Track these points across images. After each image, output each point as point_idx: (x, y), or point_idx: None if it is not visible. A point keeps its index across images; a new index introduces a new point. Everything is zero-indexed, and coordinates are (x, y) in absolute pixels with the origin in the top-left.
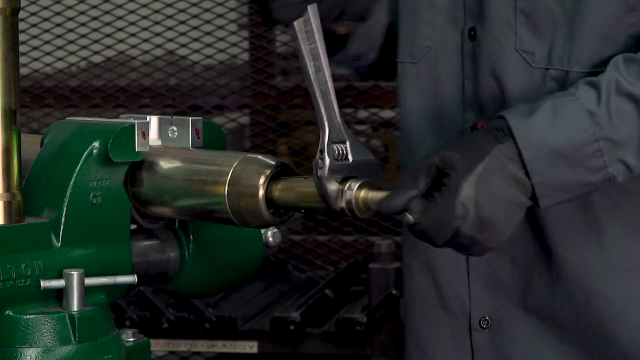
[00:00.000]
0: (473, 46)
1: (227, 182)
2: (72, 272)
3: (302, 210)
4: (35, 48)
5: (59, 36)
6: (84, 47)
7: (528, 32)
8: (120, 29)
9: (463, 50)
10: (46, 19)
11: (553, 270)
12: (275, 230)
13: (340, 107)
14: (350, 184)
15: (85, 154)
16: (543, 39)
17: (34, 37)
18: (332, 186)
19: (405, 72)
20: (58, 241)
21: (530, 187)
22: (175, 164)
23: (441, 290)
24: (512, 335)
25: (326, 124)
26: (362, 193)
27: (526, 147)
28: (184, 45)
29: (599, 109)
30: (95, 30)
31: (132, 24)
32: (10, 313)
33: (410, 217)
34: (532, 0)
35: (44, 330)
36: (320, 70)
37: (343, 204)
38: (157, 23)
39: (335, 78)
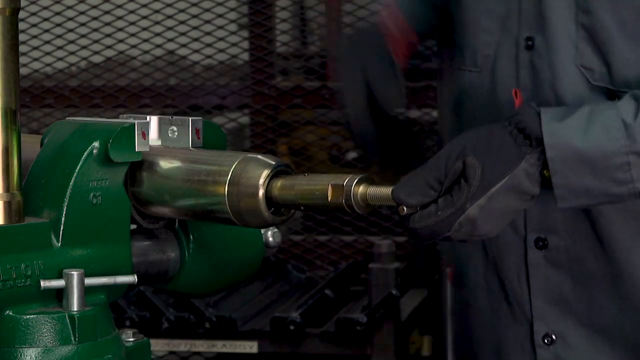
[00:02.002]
0: (530, 56)
1: (227, 182)
2: (72, 272)
3: (302, 207)
4: (35, 48)
5: (59, 36)
6: (84, 47)
7: (588, 47)
8: (120, 29)
9: (519, 59)
10: (46, 19)
11: (620, 287)
12: (275, 230)
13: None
14: (348, 180)
15: (85, 154)
16: (602, 56)
17: (34, 37)
18: None
19: (467, 79)
20: (58, 241)
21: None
22: (175, 164)
23: (510, 301)
24: (578, 354)
25: None
26: (361, 188)
27: (552, 146)
28: (184, 45)
29: (635, 122)
30: (95, 30)
31: (132, 24)
32: (10, 313)
33: (404, 209)
34: (591, 14)
35: (44, 330)
36: None
37: (342, 200)
38: (157, 23)
39: None
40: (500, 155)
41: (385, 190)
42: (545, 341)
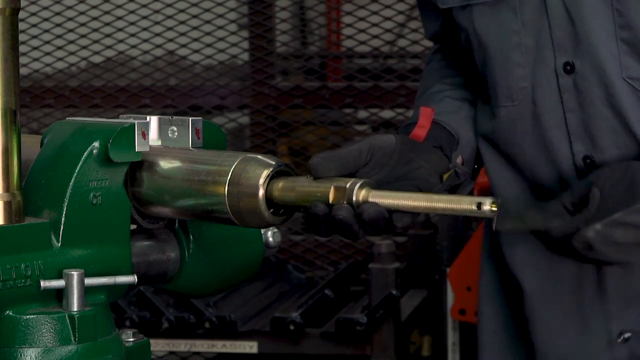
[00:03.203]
0: (573, 80)
1: (227, 182)
2: (72, 272)
3: (302, 209)
4: (35, 48)
5: (59, 36)
6: (84, 47)
7: (631, 59)
8: (120, 29)
9: (560, 84)
10: (46, 19)
11: None
12: (275, 230)
13: (340, 107)
14: (351, 183)
15: (85, 154)
16: None
17: (34, 37)
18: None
19: (506, 115)
20: (58, 241)
21: None
22: (175, 164)
23: (584, 305)
24: None
25: None
26: (364, 192)
27: None
28: (184, 46)
29: None
30: (95, 30)
31: (132, 24)
32: (10, 313)
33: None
34: (632, 29)
35: (44, 330)
36: None
37: (343, 202)
38: (157, 23)
39: (335, 79)
40: (628, 190)
41: (390, 194)
42: (620, 339)
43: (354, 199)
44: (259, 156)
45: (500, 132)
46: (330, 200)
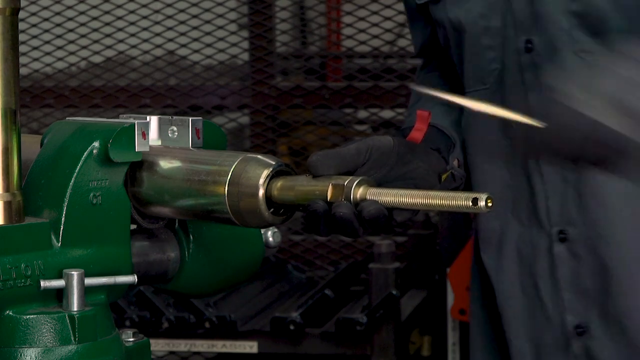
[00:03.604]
0: (531, 58)
1: (227, 182)
2: (72, 272)
3: (301, 208)
4: (35, 48)
5: (59, 36)
6: (84, 47)
7: (582, 33)
8: (120, 29)
9: (521, 63)
10: (46, 19)
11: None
12: (276, 230)
13: (340, 107)
14: (349, 180)
15: (85, 154)
16: (599, 38)
17: (34, 37)
18: None
19: (478, 98)
20: (58, 241)
21: None
22: (175, 164)
23: (542, 298)
24: (601, 345)
25: None
26: (361, 189)
27: None
28: (184, 45)
29: None
30: (95, 30)
31: (132, 24)
32: (10, 313)
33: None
34: (581, 0)
35: (44, 330)
36: None
37: (341, 200)
38: (157, 23)
39: (335, 79)
40: None
41: (387, 192)
42: (577, 332)
43: (352, 196)
44: (259, 156)
45: (474, 118)
46: (329, 197)
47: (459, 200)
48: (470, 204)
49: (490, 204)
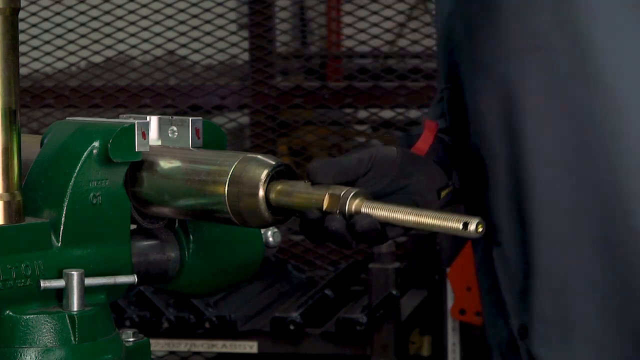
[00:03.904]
0: None
1: (227, 182)
2: (72, 272)
3: (297, 214)
4: (35, 48)
5: (59, 36)
6: (84, 47)
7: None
8: (120, 29)
9: None
10: (46, 19)
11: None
12: (276, 230)
13: (340, 107)
14: (345, 191)
15: (85, 154)
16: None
17: (34, 37)
18: None
19: (447, 95)
20: (58, 241)
21: None
22: (175, 164)
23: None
24: (544, 344)
25: None
26: (357, 202)
27: None
28: (184, 45)
29: None
30: (95, 30)
31: (132, 24)
32: (10, 313)
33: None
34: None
35: (44, 330)
36: None
37: (336, 210)
38: (157, 23)
39: (335, 79)
40: None
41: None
42: (520, 334)
43: (346, 207)
44: (259, 156)
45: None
46: (324, 207)
47: (450, 222)
48: (461, 227)
49: (480, 230)
